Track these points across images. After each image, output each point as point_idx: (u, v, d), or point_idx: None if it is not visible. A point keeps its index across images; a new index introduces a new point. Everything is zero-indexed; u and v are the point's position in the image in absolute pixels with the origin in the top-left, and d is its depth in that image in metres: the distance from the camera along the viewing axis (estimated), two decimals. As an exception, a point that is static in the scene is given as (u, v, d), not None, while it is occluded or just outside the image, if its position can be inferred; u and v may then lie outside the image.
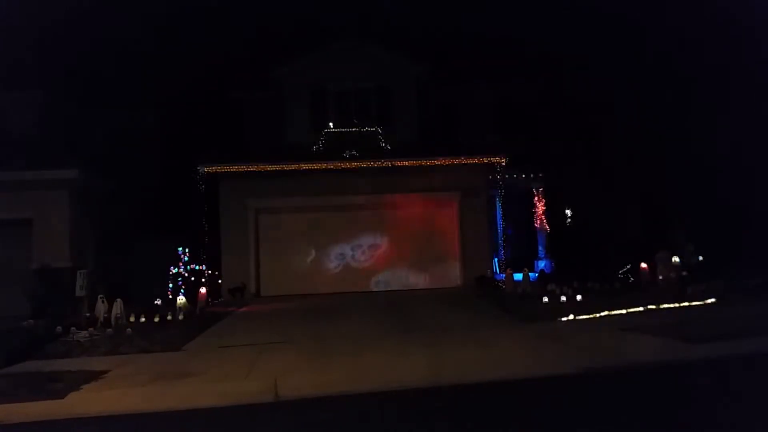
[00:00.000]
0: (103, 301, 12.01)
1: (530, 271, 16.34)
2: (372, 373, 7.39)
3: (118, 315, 11.58)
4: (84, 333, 10.43)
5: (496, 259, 16.89)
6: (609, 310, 10.79)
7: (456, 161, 16.25)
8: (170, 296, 14.77)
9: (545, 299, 12.12)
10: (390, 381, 6.95)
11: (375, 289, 16.21)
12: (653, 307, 11.06)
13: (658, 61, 17.87)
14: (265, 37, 21.59)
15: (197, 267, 15.85)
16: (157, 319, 11.70)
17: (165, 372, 7.79)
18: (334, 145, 16.96)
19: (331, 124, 18.45)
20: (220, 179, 16.33)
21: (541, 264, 18.49)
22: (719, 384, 6.50)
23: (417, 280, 16.41)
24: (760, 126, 16.12)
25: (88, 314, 11.86)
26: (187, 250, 16.16)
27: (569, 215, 19.10)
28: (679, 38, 17.54)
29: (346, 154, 16.34)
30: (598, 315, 10.58)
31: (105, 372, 7.86)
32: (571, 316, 10.53)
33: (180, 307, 12.25)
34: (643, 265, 14.36)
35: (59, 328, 10.58)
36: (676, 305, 11.22)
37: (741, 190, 15.84)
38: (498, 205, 16.55)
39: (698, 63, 17.19)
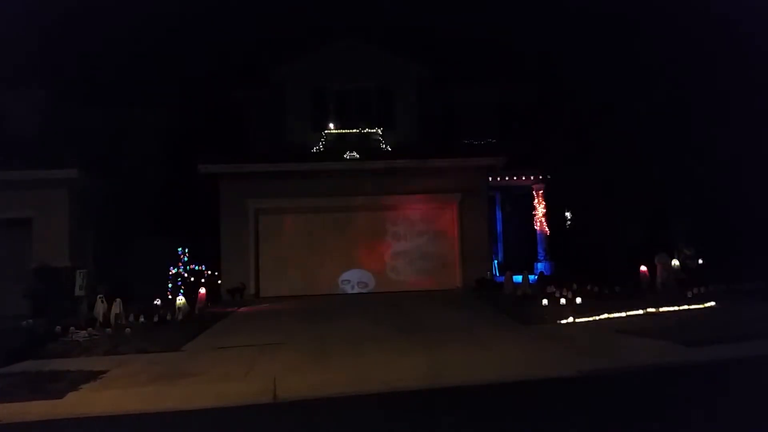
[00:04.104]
0: (102, 301, 12.01)
1: (530, 273, 16.33)
2: (371, 374, 7.39)
3: (118, 315, 11.59)
4: (83, 333, 10.43)
5: (495, 261, 16.90)
6: (608, 313, 10.78)
7: (456, 162, 16.25)
8: (170, 296, 14.78)
9: (544, 301, 12.11)
10: (389, 382, 6.95)
11: (374, 291, 16.21)
12: (652, 309, 11.05)
13: (659, 63, 17.88)
14: (266, 37, 21.65)
15: (197, 267, 15.86)
16: (156, 319, 11.70)
17: (164, 372, 7.78)
18: (335, 146, 16.98)
19: (331, 124, 18.47)
20: (220, 179, 16.32)
21: (541, 266, 18.50)
22: (718, 387, 6.50)
23: (416, 281, 16.39)
24: (761, 129, 16.13)
25: (87, 314, 11.85)
26: (186, 251, 16.18)
27: (569, 217, 19.11)
28: (679, 40, 17.56)
29: (347, 155, 16.35)
30: (597, 317, 10.58)
31: (104, 372, 7.85)
32: (571, 319, 10.52)
33: (179, 308, 12.25)
34: (643, 267, 14.35)
35: (58, 328, 10.58)
36: (676, 308, 11.22)
37: (741, 193, 15.85)
38: (498, 206, 16.56)
39: (699, 65, 17.21)
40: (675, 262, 14.53)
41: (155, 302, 13.19)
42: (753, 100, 16.22)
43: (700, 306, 11.45)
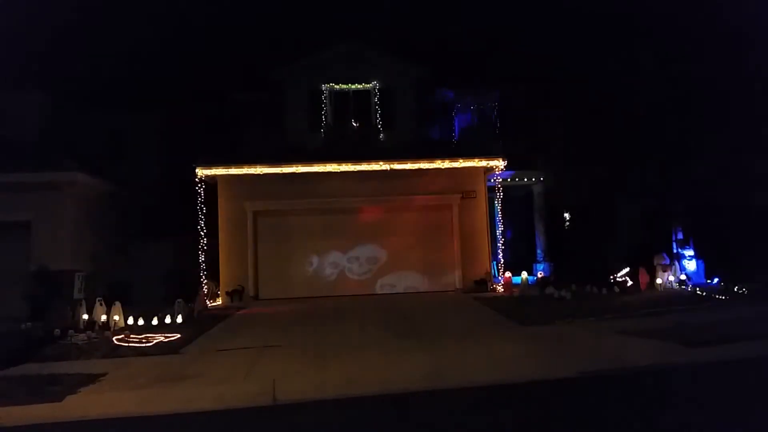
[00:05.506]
0: (101, 304, 11.99)
1: (529, 275, 16.37)
2: (370, 376, 7.39)
3: (117, 317, 11.57)
4: (82, 336, 10.42)
5: (495, 262, 16.89)
6: (608, 314, 10.79)
7: (455, 164, 16.26)
8: (168, 299, 14.75)
9: (544, 302, 12.12)
10: (388, 384, 6.95)
11: (374, 292, 16.19)
12: (652, 310, 11.06)
13: (658, 63, 17.89)
14: (264, 39, 21.66)
15: (196, 269, 15.83)
16: (155, 322, 11.68)
17: (163, 375, 7.77)
18: (333, 148, 16.97)
19: (330, 126, 18.47)
20: (218, 181, 16.31)
21: (540, 267, 18.50)
22: (718, 387, 6.50)
23: (416, 283, 16.40)
24: (760, 129, 16.13)
25: (86, 317, 11.83)
26: (186, 253, 16.14)
27: (568, 219, 19.11)
28: (678, 39, 17.57)
29: (345, 157, 16.35)
30: (596, 318, 10.58)
31: (103, 375, 7.84)
32: (570, 320, 10.52)
33: (178, 310, 12.23)
34: (642, 268, 14.37)
35: (57, 331, 10.56)
36: (675, 308, 11.23)
37: (740, 193, 15.85)
38: (497, 208, 16.56)
39: (698, 64, 17.21)
40: (674, 263, 14.55)
41: (154, 305, 13.16)
42: (753, 100, 16.23)
43: (700, 306, 11.46)
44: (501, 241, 16.43)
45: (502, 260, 16.34)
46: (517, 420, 5.67)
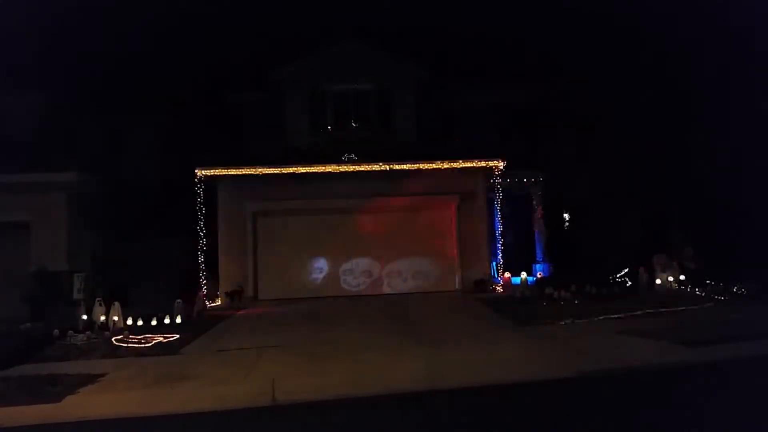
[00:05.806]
0: (100, 304, 11.98)
1: (528, 275, 16.35)
2: (370, 376, 7.38)
3: (116, 318, 11.56)
4: (81, 336, 10.41)
5: (494, 263, 16.87)
6: (607, 314, 10.79)
7: (454, 164, 16.26)
8: (168, 299, 14.73)
9: (543, 303, 12.12)
10: (388, 384, 6.94)
11: (373, 293, 16.18)
12: (651, 310, 11.06)
13: (658, 65, 17.91)
14: (264, 39, 21.61)
15: (195, 270, 15.81)
16: (154, 323, 11.68)
17: (162, 375, 7.77)
18: (333, 148, 16.96)
19: (329, 126, 18.46)
20: (218, 182, 16.31)
21: (540, 267, 18.48)
22: (717, 387, 6.50)
23: (415, 283, 16.39)
24: (759, 130, 16.14)
25: (85, 317, 11.82)
26: (185, 254, 16.13)
27: (567, 219, 19.11)
28: (678, 42, 17.58)
29: (345, 157, 16.34)
30: (596, 318, 10.58)
31: (102, 375, 7.84)
32: (570, 320, 10.52)
33: (177, 311, 12.22)
34: (642, 268, 14.37)
35: (57, 332, 10.56)
36: (675, 309, 11.23)
37: (739, 193, 15.86)
38: (496, 208, 16.53)
39: (697, 67, 17.23)
40: (673, 263, 14.54)
41: (153, 305, 13.15)
42: (752, 101, 16.24)
43: (699, 306, 11.47)
44: (500, 242, 16.41)
45: (502, 260, 16.33)
46: (517, 420, 5.67)
